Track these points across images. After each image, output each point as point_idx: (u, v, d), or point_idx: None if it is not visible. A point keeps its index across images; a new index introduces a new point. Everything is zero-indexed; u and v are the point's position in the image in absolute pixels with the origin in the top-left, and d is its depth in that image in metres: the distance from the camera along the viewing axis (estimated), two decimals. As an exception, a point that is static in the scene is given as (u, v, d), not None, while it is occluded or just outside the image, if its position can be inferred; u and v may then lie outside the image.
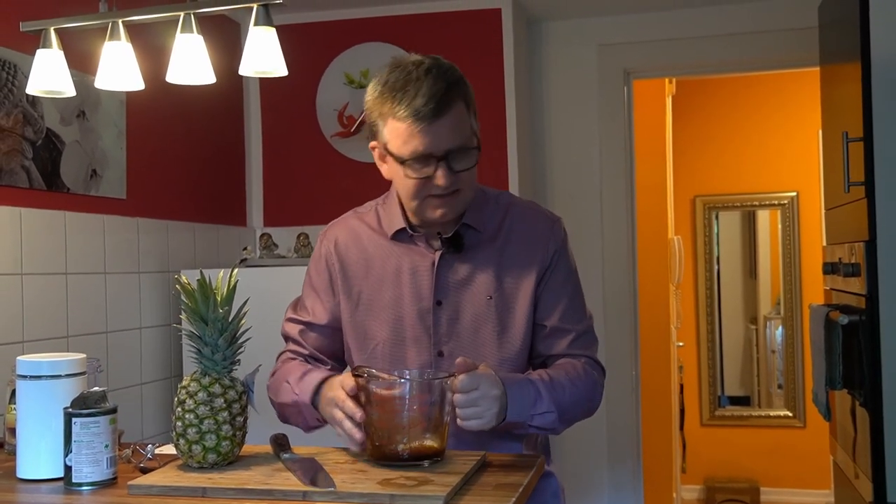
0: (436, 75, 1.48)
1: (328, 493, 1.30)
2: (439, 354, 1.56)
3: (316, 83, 3.28)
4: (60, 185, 2.28)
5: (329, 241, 1.68)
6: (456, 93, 1.49)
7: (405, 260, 1.60)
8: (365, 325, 1.61)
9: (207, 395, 1.44)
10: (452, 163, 1.49)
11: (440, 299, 1.57)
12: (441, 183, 1.48)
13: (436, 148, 1.47)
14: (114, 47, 1.77)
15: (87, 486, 1.42)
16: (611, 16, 3.36)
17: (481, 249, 1.59)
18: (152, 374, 2.63)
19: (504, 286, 1.57)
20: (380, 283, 1.61)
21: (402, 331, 1.58)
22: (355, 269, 1.63)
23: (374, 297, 1.61)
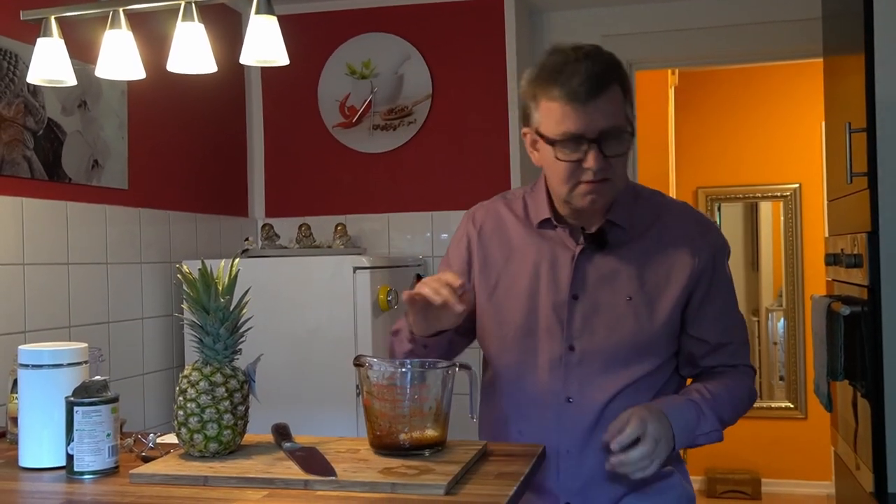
0: (594, 58, 1.46)
1: (329, 482, 1.30)
2: (570, 349, 1.53)
3: (318, 73, 3.28)
4: (62, 176, 2.28)
5: (473, 226, 1.67)
6: (613, 76, 1.46)
7: (546, 250, 1.57)
8: (501, 310, 1.59)
9: (209, 385, 1.44)
10: (604, 147, 1.44)
11: (577, 293, 1.54)
12: (591, 165, 1.43)
13: (588, 129, 1.43)
14: (115, 36, 1.77)
15: (88, 475, 1.42)
16: (613, 6, 3.35)
17: (627, 248, 1.55)
18: (154, 363, 2.63)
19: (646, 288, 1.53)
20: (519, 272, 1.58)
21: (536, 320, 1.56)
22: (496, 257, 1.62)
23: (512, 284, 1.59)
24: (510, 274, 1.60)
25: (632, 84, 1.52)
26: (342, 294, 2.56)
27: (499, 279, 1.60)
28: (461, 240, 1.68)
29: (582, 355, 1.52)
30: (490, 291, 1.61)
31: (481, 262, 1.63)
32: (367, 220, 3.26)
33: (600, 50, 1.50)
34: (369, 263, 2.59)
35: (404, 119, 3.22)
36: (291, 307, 2.60)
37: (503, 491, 1.27)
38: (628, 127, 1.47)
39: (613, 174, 1.47)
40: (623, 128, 1.46)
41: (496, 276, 1.61)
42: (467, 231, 1.67)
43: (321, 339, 2.58)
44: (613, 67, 1.47)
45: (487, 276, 1.61)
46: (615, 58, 1.50)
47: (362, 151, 3.26)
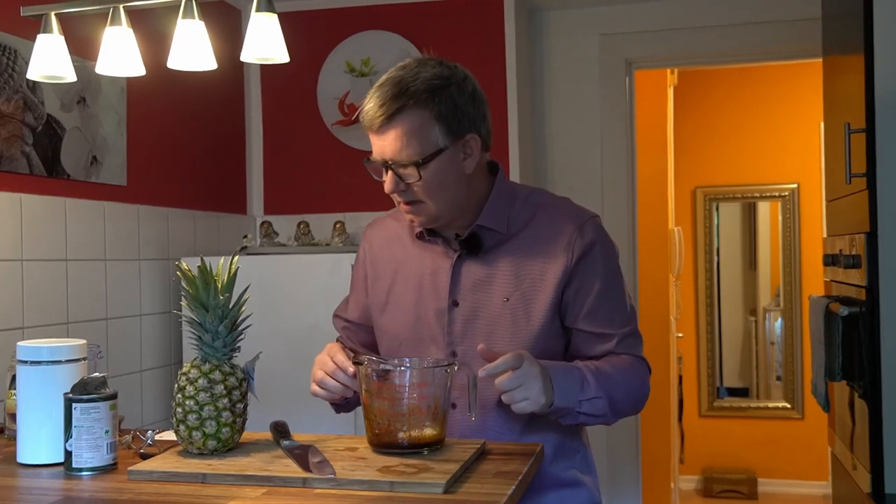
0: (396, 81, 1.45)
1: (328, 480, 1.30)
2: (452, 354, 1.55)
3: (317, 71, 3.27)
4: (61, 172, 2.27)
5: (367, 242, 1.71)
6: (413, 103, 1.43)
7: (428, 261, 1.59)
8: (392, 323, 1.62)
9: (208, 382, 1.44)
10: (399, 174, 1.47)
11: (456, 299, 1.55)
12: (386, 189, 1.50)
13: (379, 156, 1.48)
14: (115, 33, 1.77)
15: (87, 472, 1.42)
16: (613, 5, 3.35)
17: (502, 250, 1.55)
18: (152, 360, 2.63)
19: (522, 288, 1.53)
20: (405, 285, 1.61)
21: (422, 330, 1.58)
22: (385, 272, 1.64)
23: (399, 299, 1.61)
24: (398, 288, 1.62)
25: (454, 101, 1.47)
26: (340, 291, 2.54)
27: (388, 294, 1.63)
28: (358, 259, 1.72)
29: (463, 360, 1.51)
30: (381, 307, 1.64)
31: (373, 278, 1.66)
32: (366, 218, 3.23)
33: (418, 71, 1.47)
34: (368, 261, 2.59)
35: (403, 117, 3.21)
36: (290, 305, 2.60)
37: (501, 490, 1.27)
38: (421, 156, 1.44)
39: (423, 195, 1.48)
40: (410, 160, 1.44)
41: (386, 292, 1.63)
42: (363, 248, 1.71)
43: (320, 337, 2.55)
44: (416, 93, 1.44)
45: (378, 292, 1.64)
46: (431, 81, 1.46)
47: (361, 149, 3.25)
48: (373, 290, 1.66)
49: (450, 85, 1.49)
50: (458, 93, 1.49)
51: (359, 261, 1.72)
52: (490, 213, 1.54)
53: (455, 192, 1.51)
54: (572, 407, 1.45)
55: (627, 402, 1.53)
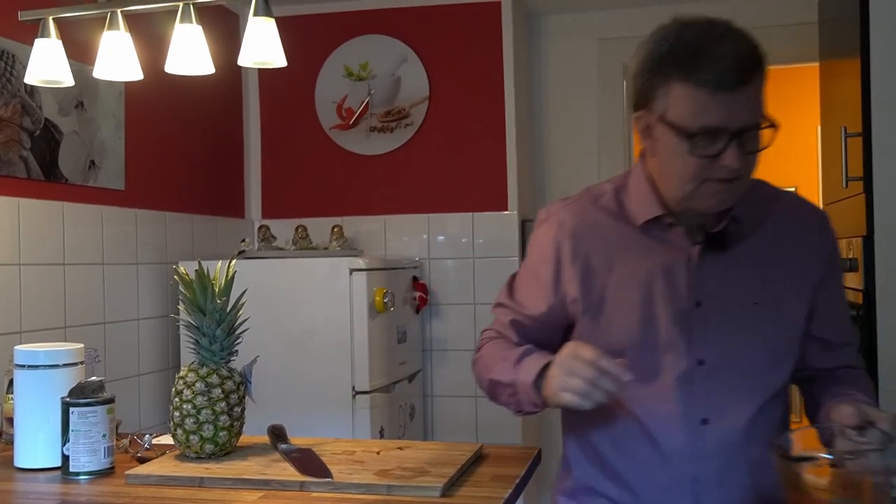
0: (739, 39, 1.27)
1: (325, 483, 1.30)
2: (699, 363, 1.33)
3: (315, 75, 3.28)
4: (59, 176, 2.28)
5: (561, 228, 1.42)
6: (759, 60, 1.27)
7: (656, 254, 1.36)
8: (612, 328, 1.37)
9: (205, 386, 1.44)
10: (746, 141, 1.24)
11: (699, 300, 1.34)
12: (730, 163, 1.23)
13: (731, 122, 1.22)
14: (112, 37, 1.77)
15: (84, 476, 1.42)
16: (610, 10, 3.36)
17: (745, 246, 1.36)
18: (149, 365, 2.63)
19: (773, 291, 1.35)
20: (627, 281, 1.37)
21: (655, 335, 1.34)
22: (598, 266, 1.39)
23: (620, 299, 1.37)
24: (617, 285, 1.37)
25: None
26: (338, 296, 2.56)
27: (604, 292, 1.38)
28: (546, 245, 1.43)
29: (714, 369, 1.32)
30: (594, 308, 1.38)
31: (580, 274, 1.39)
32: (364, 222, 3.26)
33: (737, 28, 1.31)
34: (366, 265, 2.59)
35: (401, 121, 3.22)
36: (288, 309, 2.60)
37: (498, 493, 1.27)
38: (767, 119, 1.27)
39: (747, 170, 1.28)
40: (764, 121, 1.26)
41: (600, 290, 1.38)
42: (554, 238, 1.42)
43: (317, 341, 2.58)
44: (758, 49, 1.27)
45: (589, 291, 1.38)
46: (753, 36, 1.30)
47: (359, 153, 3.26)
48: (576, 286, 1.39)
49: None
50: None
51: (547, 247, 1.42)
52: (744, 204, 1.34)
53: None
54: None
55: None
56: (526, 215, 3.26)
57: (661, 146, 1.29)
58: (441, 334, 3.19)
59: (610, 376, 1.21)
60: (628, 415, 1.35)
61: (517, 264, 3.15)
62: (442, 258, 3.20)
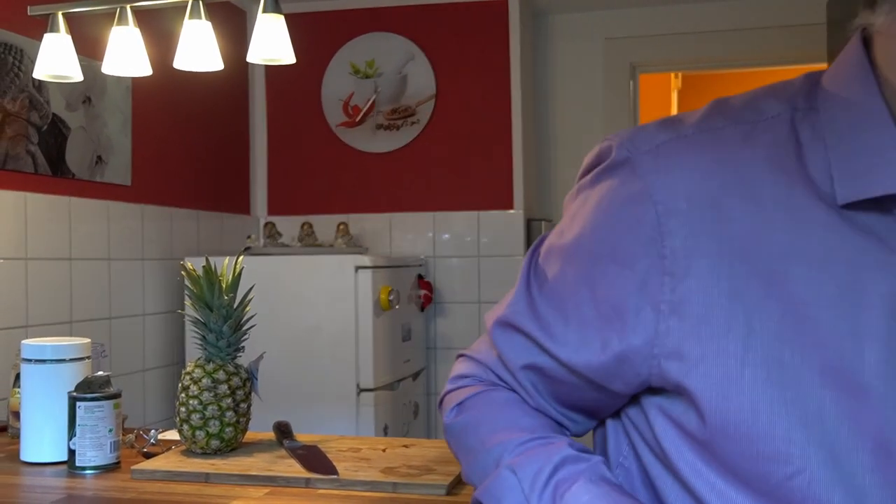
0: None
1: (331, 480, 1.30)
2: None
3: (321, 72, 3.28)
4: (66, 171, 2.28)
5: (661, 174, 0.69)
6: None
7: (879, 271, 0.65)
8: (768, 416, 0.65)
9: (211, 382, 1.44)
10: None
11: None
12: None
13: None
14: (121, 32, 1.77)
15: (90, 470, 1.42)
16: (617, 9, 3.35)
17: None
18: (155, 360, 2.63)
19: None
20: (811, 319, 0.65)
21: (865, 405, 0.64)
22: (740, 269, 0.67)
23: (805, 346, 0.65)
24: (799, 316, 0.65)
25: None
26: (343, 293, 2.57)
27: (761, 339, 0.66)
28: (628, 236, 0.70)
29: None
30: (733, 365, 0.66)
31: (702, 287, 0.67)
32: (370, 220, 3.26)
33: None
34: (371, 263, 2.59)
35: (407, 119, 3.22)
36: (293, 306, 2.60)
37: (504, 491, 1.27)
38: None
39: None
40: None
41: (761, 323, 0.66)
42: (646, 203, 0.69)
43: (322, 338, 2.58)
44: None
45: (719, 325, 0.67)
46: None
47: (365, 151, 3.26)
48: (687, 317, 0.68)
49: None
50: None
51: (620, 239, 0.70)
52: None
53: None
54: None
55: None
56: (531, 214, 3.25)
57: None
58: (446, 332, 3.19)
59: None
60: None
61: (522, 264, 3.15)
62: (447, 256, 3.20)
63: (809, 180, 0.67)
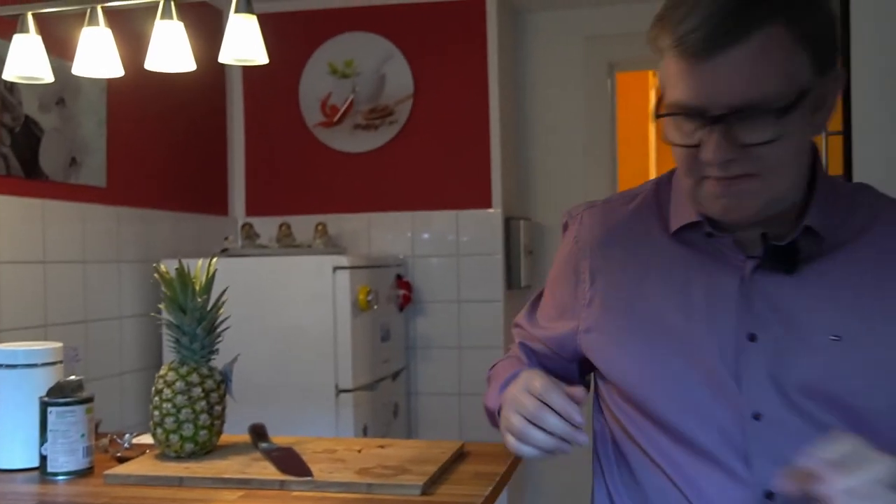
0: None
1: (306, 482, 1.30)
2: (755, 417, 1.00)
3: (299, 72, 3.27)
4: (39, 173, 2.26)
5: (581, 237, 1.16)
6: (765, 11, 0.90)
7: (698, 270, 1.05)
8: (638, 360, 1.07)
9: (185, 385, 1.44)
10: (737, 128, 0.93)
11: (754, 332, 1.01)
12: (709, 157, 0.94)
13: (709, 100, 0.92)
14: (92, 33, 1.75)
15: (62, 476, 1.41)
16: (596, 8, 3.36)
17: (824, 265, 1.02)
18: (132, 363, 2.61)
19: (862, 324, 0.99)
20: (662, 302, 1.06)
21: (696, 376, 1.02)
22: (622, 281, 1.10)
23: (653, 321, 1.06)
24: (647, 312, 1.07)
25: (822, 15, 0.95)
26: (322, 294, 2.56)
27: (630, 312, 1.08)
28: (564, 263, 1.18)
29: (774, 427, 0.99)
30: (615, 334, 1.09)
31: (602, 288, 1.11)
32: (348, 220, 3.25)
33: None
34: (349, 263, 2.59)
35: (386, 119, 3.21)
36: (271, 307, 2.59)
37: (479, 491, 1.27)
38: (794, 95, 0.91)
39: (773, 166, 0.95)
40: (773, 100, 0.91)
41: (626, 309, 1.09)
42: (572, 249, 1.17)
43: (300, 339, 2.57)
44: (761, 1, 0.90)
45: (610, 310, 1.10)
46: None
47: (343, 151, 3.25)
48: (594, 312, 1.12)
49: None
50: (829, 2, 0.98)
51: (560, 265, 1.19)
52: (821, 210, 1.01)
53: (801, 164, 1.00)
54: None
55: None
56: (510, 213, 3.26)
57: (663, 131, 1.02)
58: (425, 332, 3.19)
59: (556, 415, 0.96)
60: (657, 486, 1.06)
61: (501, 262, 3.15)
62: (426, 256, 3.20)
63: (662, 223, 1.11)
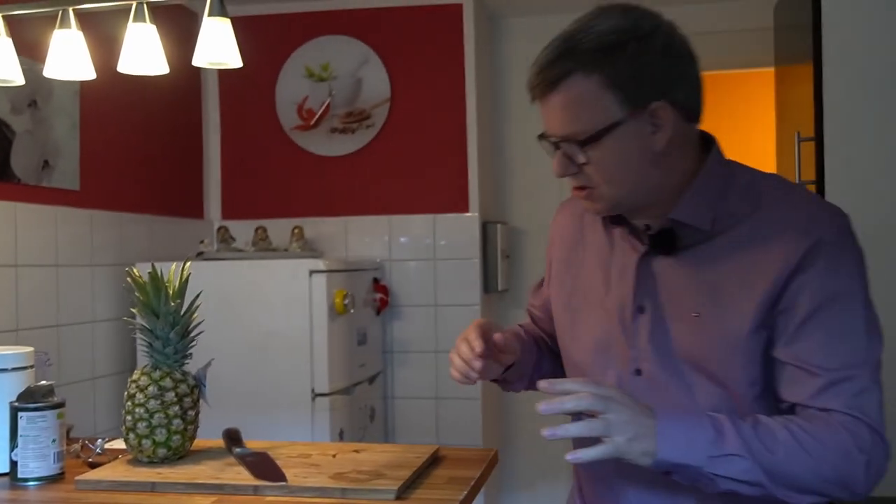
0: (563, 39, 1.21)
1: (280, 487, 1.29)
2: (637, 373, 1.24)
3: (275, 75, 3.26)
4: (11, 176, 2.23)
5: (554, 224, 1.46)
6: (578, 66, 1.17)
7: (616, 253, 1.30)
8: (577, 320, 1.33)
9: (158, 389, 1.43)
10: (569, 152, 1.20)
11: (643, 305, 1.24)
12: (554, 171, 1.24)
13: (549, 130, 1.23)
14: (64, 36, 1.74)
15: (33, 482, 1.40)
16: (572, 13, 3.35)
17: (702, 251, 1.20)
18: (105, 368, 2.59)
19: (719, 302, 1.17)
20: (593, 276, 1.32)
21: (608, 337, 1.28)
22: (574, 260, 1.37)
23: (588, 290, 1.33)
24: (586, 277, 1.34)
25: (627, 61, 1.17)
26: (298, 298, 2.55)
27: (574, 283, 1.36)
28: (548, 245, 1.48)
29: (649, 382, 1.22)
30: (566, 299, 1.36)
31: (559, 265, 1.40)
32: (325, 224, 3.25)
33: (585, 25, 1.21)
34: (326, 267, 2.58)
35: (363, 122, 3.21)
36: (247, 311, 2.58)
37: (454, 495, 1.27)
38: (589, 132, 1.17)
39: (600, 179, 1.20)
40: (580, 134, 1.17)
41: (572, 281, 1.36)
42: (550, 233, 1.46)
43: (276, 343, 2.56)
44: (580, 52, 1.18)
45: (563, 282, 1.38)
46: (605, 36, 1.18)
47: (320, 154, 3.24)
48: (557, 281, 1.39)
49: (629, 41, 1.17)
50: (640, 50, 1.17)
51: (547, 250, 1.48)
52: (689, 205, 1.21)
53: (641, 174, 1.20)
54: (700, 466, 1.06)
55: (813, 477, 1.08)
56: (487, 217, 3.26)
57: None
58: (402, 336, 3.19)
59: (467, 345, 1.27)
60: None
61: (479, 266, 3.16)
62: (403, 260, 3.20)
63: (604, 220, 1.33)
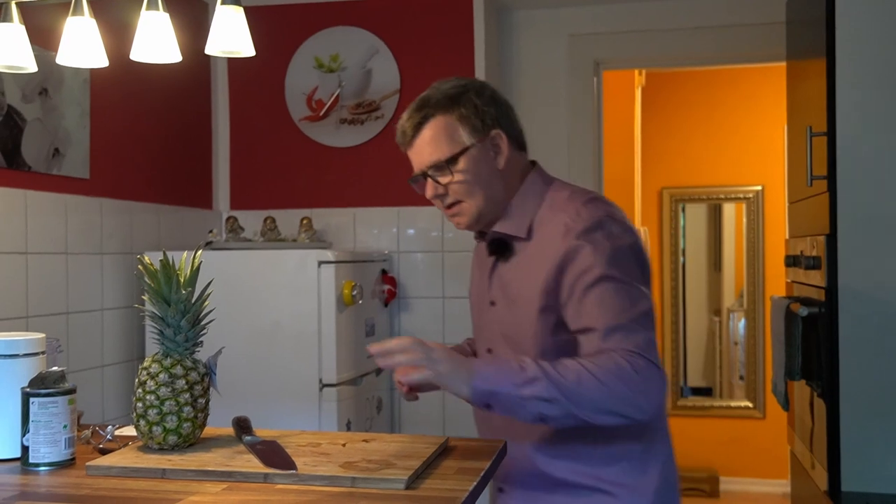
0: (419, 99, 1.58)
1: (290, 475, 1.29)
2: (488, 351, 1.65)
3: (285, 66, 3.25)
4: (21, 164, 2.24)
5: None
6: (436, 110, 1.55)
7: (483, 260, 1.68)
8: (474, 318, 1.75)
9: (169, 377, 1.43)
10: (436, 177, 1.57)
11: (493, 300, 1.63)
12: (428, 195, 1.58)
13: (417, 167, 1.59)
14: (77, 23, 1.74)
15: (44, 467, 1.40)
16: (582, 6, 3.37)
17: (521, 253, 1.58)
18: (114, 355, 2.60)
19: (520, 293, 1.55)
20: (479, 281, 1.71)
21: (480, 325, 1.70)
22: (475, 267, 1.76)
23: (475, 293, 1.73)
24: (475, 283, 1.74)
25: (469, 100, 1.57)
26: (306, 288, 2.55)
27: (471, 289, 1.76)
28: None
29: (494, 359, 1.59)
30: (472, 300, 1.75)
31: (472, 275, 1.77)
32: (334, 215, 3.25)
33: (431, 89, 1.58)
34: (334, 258, 2.58)
35: (372, 114, 3.21)
36: (255, 300, 2.58)
37: (463, 486, 1.27)
38: (450, 154, 1.54)
39: (463, 194, 1.56)
40: (443, 160, 1.54)
41: (472, 286, 1.76)
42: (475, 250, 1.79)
43: (284, 333, 2.56)
44: (428, 104, 1.56)
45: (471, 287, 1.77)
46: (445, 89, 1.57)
47: (329, 145, 3.24)
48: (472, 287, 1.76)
49: (467, 91, 1.57)
50: (476, 96, 1.57)
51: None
52: (508, 218, 1.59)
53: (492, 188, 1.57)
54: (511, 392, 1.35)
55: (604, 396, 1.35)
56: (496, 210, 3.26)
57: None
58: (409, 327, 3.19)
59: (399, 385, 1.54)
60: None
61: (486, 259, 3.15)
62: (411, 251, 3.20)
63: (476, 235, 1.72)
